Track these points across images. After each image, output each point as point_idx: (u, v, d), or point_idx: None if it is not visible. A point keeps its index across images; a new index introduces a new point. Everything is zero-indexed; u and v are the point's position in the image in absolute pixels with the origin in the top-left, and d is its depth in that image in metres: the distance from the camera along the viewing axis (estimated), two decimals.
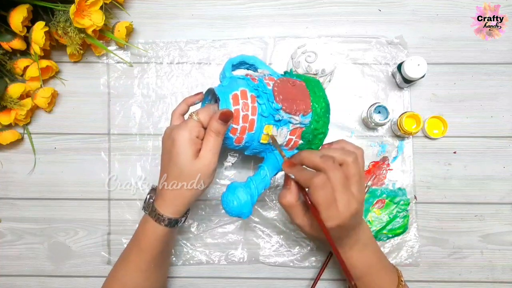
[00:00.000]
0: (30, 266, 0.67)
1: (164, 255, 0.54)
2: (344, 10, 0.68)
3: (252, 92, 0.49)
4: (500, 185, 0.66)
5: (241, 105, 0.48)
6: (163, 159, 0.50)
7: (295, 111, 0.50)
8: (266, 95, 0.49)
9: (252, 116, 0.49)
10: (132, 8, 0.68)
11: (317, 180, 0.42)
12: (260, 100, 0.49)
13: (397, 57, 0.66)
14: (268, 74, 0.54)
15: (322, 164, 0.44)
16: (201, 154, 0.47)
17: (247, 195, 0.48)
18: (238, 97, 0.49)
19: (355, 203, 0.44)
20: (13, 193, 0.67)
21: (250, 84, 0.50)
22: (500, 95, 0.66)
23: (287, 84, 0.52)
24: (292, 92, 0.51)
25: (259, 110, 0.49)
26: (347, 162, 0.45)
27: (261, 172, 0.51)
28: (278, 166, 0.53)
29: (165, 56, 0.67)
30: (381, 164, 0.66)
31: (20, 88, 0.62)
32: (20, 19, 0.57)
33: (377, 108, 0.62)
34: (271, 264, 0.65)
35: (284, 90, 0.50)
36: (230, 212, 0.48)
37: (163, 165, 0.50)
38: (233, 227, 0.66)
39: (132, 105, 0.67)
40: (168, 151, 0.48)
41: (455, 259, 0.65)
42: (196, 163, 0.46)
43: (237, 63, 0.56)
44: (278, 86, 0.50)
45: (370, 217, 0.65)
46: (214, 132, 0.47)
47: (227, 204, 0.48)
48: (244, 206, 0.48)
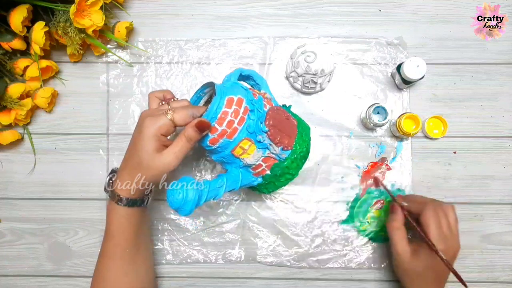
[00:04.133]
0: (30, 266, 0.67)
1: (137, 241, 0.53)
2: (344, 10, 0.68)
3: (248, 105, 0.49)
4: (500, 185, 0.66)
5: (232, 109, 0.48)
6: (129, 144, 0.50)
7: (278, 142, 0.50)
8: (259, 113, 0.49)
9: (237, 126, 0.48)
10: (132, 8, 0.68)
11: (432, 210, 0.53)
12: (252, 116, 0.49)
13: (397, 58, 0.66)
14: (269, 98, 0.55)
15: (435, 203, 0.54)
16: (164, 152, 0.47)
17: (196, 195, 0.46)
18: (233, 102, 0.48)
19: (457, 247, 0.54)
20: (13, 193, 0.67)
21: (249, 97, 0.50)
22: (500, 95, 0.66)
23: (282, 115, 0.52)
24: (283, 124, 0.51)
25: (246, 124, 0.49)
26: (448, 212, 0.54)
27: (218, 181, 0.50)
28: (237, 182, 0.52)
29: (165, 55, 0.67)
30: (380, 165, 0.66)
31: (20, 88, 0.62)
32: (20, 19, 0.57)
33: (376, 109, 0.62)
34: (268, 264, 0.65)
35: (277, 118, 0.51)
36: (172, 202, 0.46)
37: (127, 149, 0.51)
38: (231, 226, 0.66)
39: (131, 103, 0.67)
40: (134, 138, 0.49)
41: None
42: (156, 159, 0.47)
43: (245, 75, 0.56)
44: (273, 112, 0.51)
45: (368, 218, 0.65)
46: (186, 138, 0.47)
47: (172, 193, 0.46)
48: (188, 203, 0.46)
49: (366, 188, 0.65)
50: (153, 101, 0.52)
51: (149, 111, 0.50)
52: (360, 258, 0.65)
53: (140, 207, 0.52)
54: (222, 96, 0.48)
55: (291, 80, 0.65)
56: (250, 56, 0.67)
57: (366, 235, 0.65)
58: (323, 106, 0.67)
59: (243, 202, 0.66)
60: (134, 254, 0.53)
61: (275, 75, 0.67)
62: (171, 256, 0.66)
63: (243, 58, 0.67)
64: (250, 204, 0.66)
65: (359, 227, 0.65)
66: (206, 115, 0.47)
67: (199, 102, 0.55)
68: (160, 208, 0.66)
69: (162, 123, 0.47)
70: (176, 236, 0.66)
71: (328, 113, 0.67)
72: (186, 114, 0.47)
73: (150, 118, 0.47)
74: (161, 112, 0.48)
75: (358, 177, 0.66)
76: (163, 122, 0.47)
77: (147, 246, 0.58)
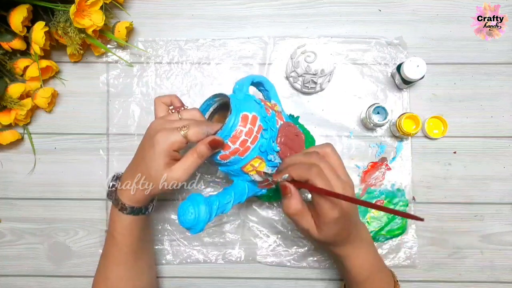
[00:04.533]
0: (30, 266, 0.67)
1: (139, 246, 0.53)
2: (344, 10, 0.67)
3: (262, 123, 0.48)
4: (500, 185, 0.66)
5: (246, 128, 0.47)
6: (138, 153, 0.49)
7: None
8: (272, 132, 0.49)
9: (250, 144, 0.48)
10: (132, 8, 0.68)
11: (314, 169, 0.44)
12: (265, 134, 0.48)
13: (397, 58, 0.66)
14: (279, 110, 0.54)
15: (309, 159, 0.45)
16: (174, 167, 0.46)
17: (207, 214, 0.46)
18: (248, 120, 0.47)
19: (349, 188, 0.46)
20: (13, 193, 0.67)
21: (262, 114, 0.49)
22: (500, 95, 0.66)
23: (292, 132, 0.52)
24: (293, 141, 0.51)
25: (259, 143, 0.48)
26: (328, 153, 0.48)
27: (227, 197, 0.49)
28: (244, 195, 0.52)
29: (165, 54, 0.67)
30: (379, 165, 0.66)
31: (20, 88, 0.62)
32: (20, 19, 0.57)
33: (376, 109, 0.62)
34: (268, 264, 0.65)
35: (288, 136, 0.50)
36: (184, 222, 0.46)
37: (135, 158, 0.50)
38: (231, 227, 0.66)
39: (131, 103, 0.67)
40: (144, 149, 0.47)
41: (455, 259, 0.65)
42: (165, 173, 0.46)
43: (256, 82, 0.55)
44: (284, 129, 0.50)
45: (368, 217, 0.65)
46: (197, 154, 0.46)
47: (184, 213, 0.45)
48: (201, 222, 0.45)
49: (366, 188, 0.65)
50: (160, 108, 0.51)
51: (161, 123, 0.48)
52: None
53: (144, 215, 0.52)
54: (237, 114, 0.47)
55: (291, 80, 0.65)
56: (250, 56, 0.67)
57: None
58: (323, 106, 0.67)
59: None
60: (136, 259, 0.53)
61: (275, 75, 0.67)
62: (171, 256, 0.66)
63: (243, 58, 0.67)
64: (250, 204, 0.66)
65: None
66: (220, 133, 0.46)
67: (208, 109, 0.54)
68: (160, 208, 0.66)
69: (174, 139, 0.45)
70: (176, 236, 0.66)
71: (328, 113, 0.67)
72: (200, 132, 0.46)
73: (162, 133, 0.46)
74: (174, 127, 0.46)
75: (358, 177, 0.66)
76: (176, 139, 0.45)
77: (149, 251, 0.58)
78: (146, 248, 0.57)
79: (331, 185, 0.44)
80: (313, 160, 0.45)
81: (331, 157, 0.48)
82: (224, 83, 0.67)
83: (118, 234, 0.51)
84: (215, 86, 0.67)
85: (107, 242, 0.53)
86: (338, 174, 0.46)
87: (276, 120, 0.51)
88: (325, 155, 0.48)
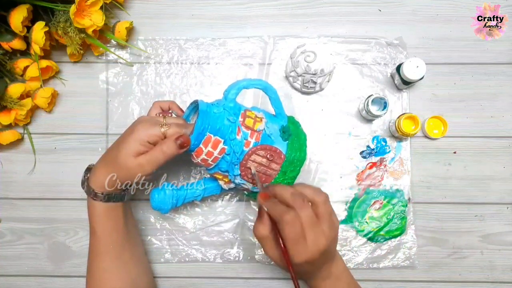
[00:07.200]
0: (30, 266, 0.67)
1: (122, 236, 0.54)
2: (344, 10, 0.67)
3: (225, 146, 0.50)
4: (500, 185, 0.65)
5: (206, 151, 0.50)
6: (116, 140, 0.51)
7: (252, 182, 0.53)
8: (235, 155, 0.50)
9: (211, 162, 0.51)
10: (132, 8, 0.68)
11: (287, 216, 0.43)
12: (226, 158, 0.51)
13: (396, 58, 0.66)
14: (260, 130, 0.51)
15: (292, 201, 0.44)
16: (140, 158, 0.48)
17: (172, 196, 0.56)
18: (209, 143, 0.49)
19: (324, 240, 0.45)
20: (13, 193, 0.67)
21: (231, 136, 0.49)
22: (500, 95, 0.66)
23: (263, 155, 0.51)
24: (262, 166, 0.52)
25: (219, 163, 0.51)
26: (317, 202, 0.46)
27: (197, 185, 0.56)
28: (218, 188, 0.58)
29: (165, 54, 0.67)
30: (378, 165, 0.66)
31: (20, 88, 0.62)
32: (20, 19, 0.58)
33: (374, 100, 0.61)
34: (266, 263, 0.65)
35: (256, 161, 0.51)
36: (151, 203, 0.56)
37: (111, 146, 0.52)
38: (229, 226, 0.66)
39: (130, 102, 0.67)
40: (123, 135, 0.50)
41: (455, 259, 0.65)
42: (131, 161, 0.48)
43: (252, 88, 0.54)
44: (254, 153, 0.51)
45: (367, 218, 0.65)
46: (164, 148, 0.48)
47: (152, 195, 0.56)
48: (166, 203, 0.56)
49: (365, 188, 0.65)
50: (155, 109, 0.56)
51: (147, 117, 0.52)
52: (358, 258, 0.65)
53: (119, 203, 0.52)
54: (202, 133, 0.49)
55: (290, 80, 0.65)
56: (250, 56, 0.67)
57: (365, 235, 0.65)
58: (323, 106, 0.67)
59: (242, 201, 0.66)
60: (120, 250, 0.54)
61: (275, 75, 0.67)
62: (170, 255, 0.66)
63: (243, 58, 0.67)
64: (249, 203, 0.66)
65: (358, 227, 0.65)
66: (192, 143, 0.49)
67: (191, 116, 0.55)
68: None
69: (153, 132, 0.49)
70: (175, 234, 0.66)
71: (327, 113, 0.67)
72: (179, 133, 0.49)
73: (144, 123, 0.49)
74: (157, 122, 0.50)
75: (356, 177, 0.66)
76: (155, 132, 0.49)
77: (135, 243, 0.58)
78: (131, 239, 0.56)
79: (303, 233, 0.43)
80: (296, 204, 0.44)
81: (320, 207, 0.46)
82: (224, 83, 0.67)
83: (95, 224, 0.52)
84: (214, 86, 0.67)
85: (90, 236, 0.53)
86: (319, 223, 0.45)
87: (245, 143, 0.50)
88: (313, 203, 0.46)
